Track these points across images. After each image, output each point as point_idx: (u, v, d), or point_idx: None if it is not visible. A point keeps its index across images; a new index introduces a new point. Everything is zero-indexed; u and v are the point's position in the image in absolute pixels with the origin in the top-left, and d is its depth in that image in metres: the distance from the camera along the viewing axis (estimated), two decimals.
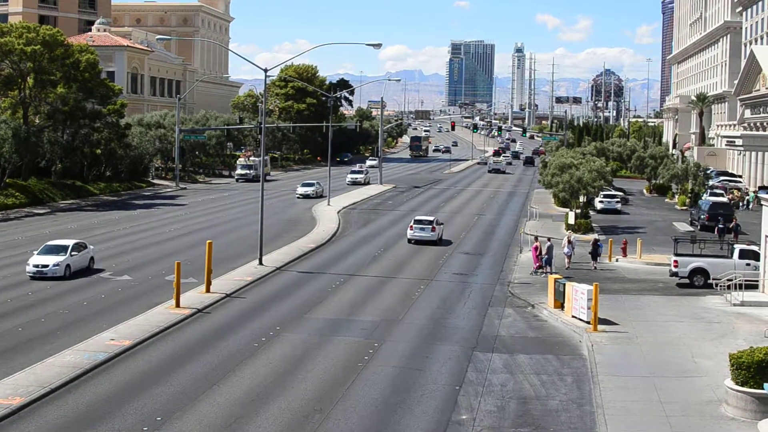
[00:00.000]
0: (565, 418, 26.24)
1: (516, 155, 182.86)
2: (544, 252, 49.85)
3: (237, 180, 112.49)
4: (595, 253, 52.20)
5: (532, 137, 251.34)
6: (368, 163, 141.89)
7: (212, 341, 33.61)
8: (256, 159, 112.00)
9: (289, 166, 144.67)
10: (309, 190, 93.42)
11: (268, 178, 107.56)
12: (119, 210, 78.19)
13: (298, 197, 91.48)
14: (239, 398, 27.09)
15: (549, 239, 51.97)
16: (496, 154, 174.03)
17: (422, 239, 60.42)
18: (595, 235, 59.05)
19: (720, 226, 63.35)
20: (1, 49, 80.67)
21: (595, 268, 51.57)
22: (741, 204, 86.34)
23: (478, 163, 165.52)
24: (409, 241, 60.72)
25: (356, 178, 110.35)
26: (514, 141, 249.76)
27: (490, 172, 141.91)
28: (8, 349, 31.64)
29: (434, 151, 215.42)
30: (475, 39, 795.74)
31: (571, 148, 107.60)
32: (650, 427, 25.17)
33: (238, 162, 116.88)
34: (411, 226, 61.32)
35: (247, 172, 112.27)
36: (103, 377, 28.84)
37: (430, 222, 61.28)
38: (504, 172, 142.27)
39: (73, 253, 46.04)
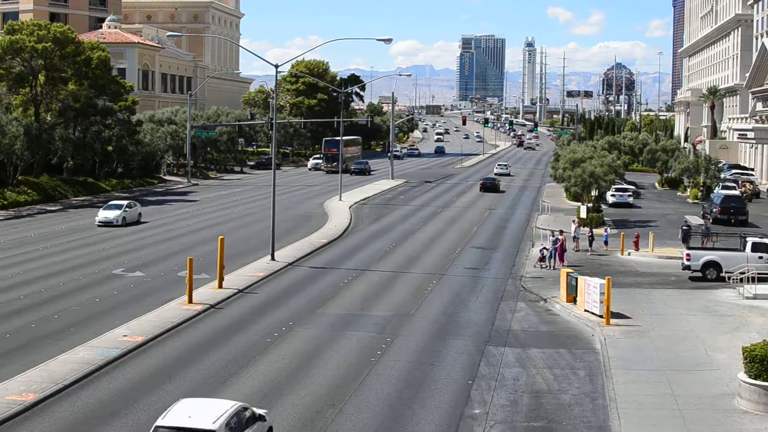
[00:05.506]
0: (578, 412, 26.21)
1: (530, 147, 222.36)
2: (549, 245, 50.67)
3: None
4: (591, 240, 56.08)
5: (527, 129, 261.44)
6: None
7: (225, 337, 33.68)
8: None
9: (300, 161, 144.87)
10: (111, 215, 64.37)
11: None
12: None
13: (99, 224, 63.63)
14: (252, 394, 27.12)
15: (553, 232, 53.69)
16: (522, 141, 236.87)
17: (503, 173, 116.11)
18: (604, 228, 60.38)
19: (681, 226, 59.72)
20: (13, 46, 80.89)
21: (590, 252, 55.22)
22: None
23: (513, 145, 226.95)
24: (497, 174, 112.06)
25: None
26: (515, 131, 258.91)
27: (525, 149, 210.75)
28: (22, 346, 31.76)
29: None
30: (486, 33, 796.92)
31: (582, 142, 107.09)
32: (663, 421, 25.12)
33: None
34: (496, 167, 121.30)
35: None
36: (116, 373, 28.93)
37: (507, 165, 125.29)
38: (534, 149, 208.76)
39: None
